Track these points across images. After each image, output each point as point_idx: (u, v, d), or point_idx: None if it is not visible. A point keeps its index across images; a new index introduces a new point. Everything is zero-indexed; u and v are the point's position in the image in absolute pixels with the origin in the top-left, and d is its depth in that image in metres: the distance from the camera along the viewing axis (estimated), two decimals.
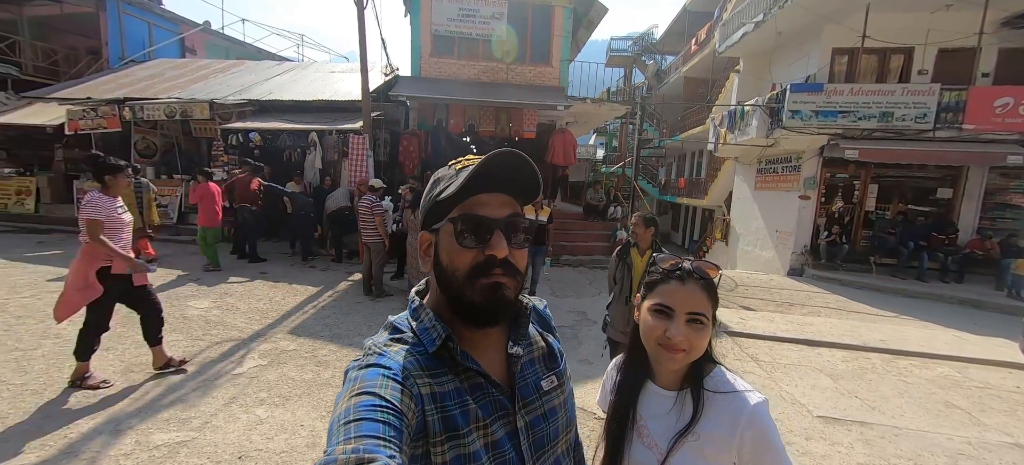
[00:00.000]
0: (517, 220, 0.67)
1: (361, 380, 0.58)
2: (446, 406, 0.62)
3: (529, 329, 0.77)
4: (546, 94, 10.03)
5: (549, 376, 0.75)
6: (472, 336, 0.68)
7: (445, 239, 0.66)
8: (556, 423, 0.73)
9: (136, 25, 13.52)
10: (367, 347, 0.65)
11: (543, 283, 6.91)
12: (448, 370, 0.64)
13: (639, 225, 2.97)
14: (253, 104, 9.48)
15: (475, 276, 0.64)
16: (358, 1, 8.03)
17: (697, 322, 0.87)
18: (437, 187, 0.69)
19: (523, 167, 0.66)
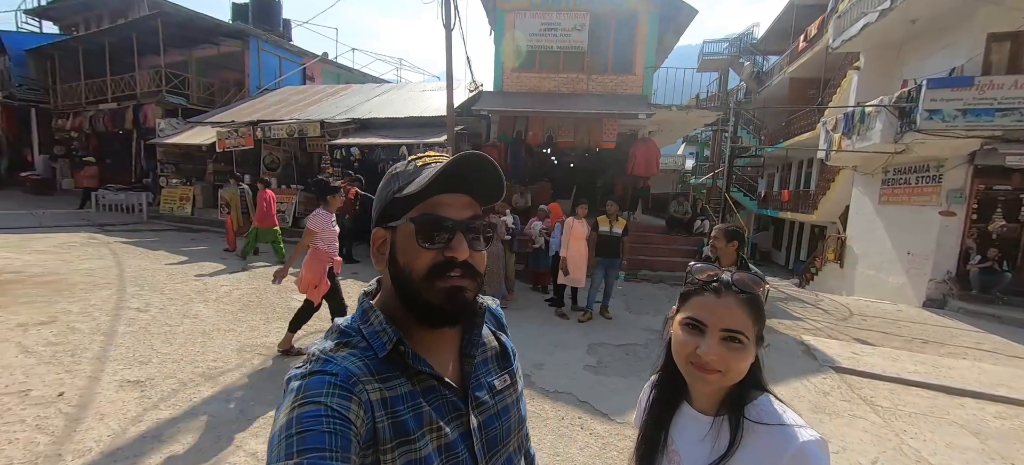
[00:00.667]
0: (478, 222, 0.66)
1: (304, 389, 0.55)
2: (397, 411, 0.59)
3: (483, 329, 0.75)
4: (627, 103, 9.74)
5: (502, 375, 0.75)
6: (424, 337, 0.66)
7: (403, 238, 0.64)
8: (508, 422, 0.72)
9: (270, 59, 15.99)
10: (311, 354, 0.61)
11: (617, 298, 6.64)
12: (400, 374, 0.62)
13: (719, 238, 2.72)
14: (355, 122, 10.62)
15: (434, 277, 0.62)
16: (446, 24, 8.61)
17: (734, 340, 0.77)
18: (395, 183, 0.66)
19: (488, 169, 0.65)
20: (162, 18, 13.19)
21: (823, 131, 10.86)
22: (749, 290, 0.79)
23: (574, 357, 4.34)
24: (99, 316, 4.60)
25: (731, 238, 2.68)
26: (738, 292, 0.79)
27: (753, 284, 0.80)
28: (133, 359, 3.71)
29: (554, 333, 5.04)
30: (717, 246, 2.72)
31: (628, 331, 5.27)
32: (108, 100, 15.01)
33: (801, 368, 4.44)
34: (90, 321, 4.44)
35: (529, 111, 9.62)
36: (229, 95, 15.50)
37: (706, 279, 0.82)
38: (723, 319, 0.77)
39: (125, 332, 4.22)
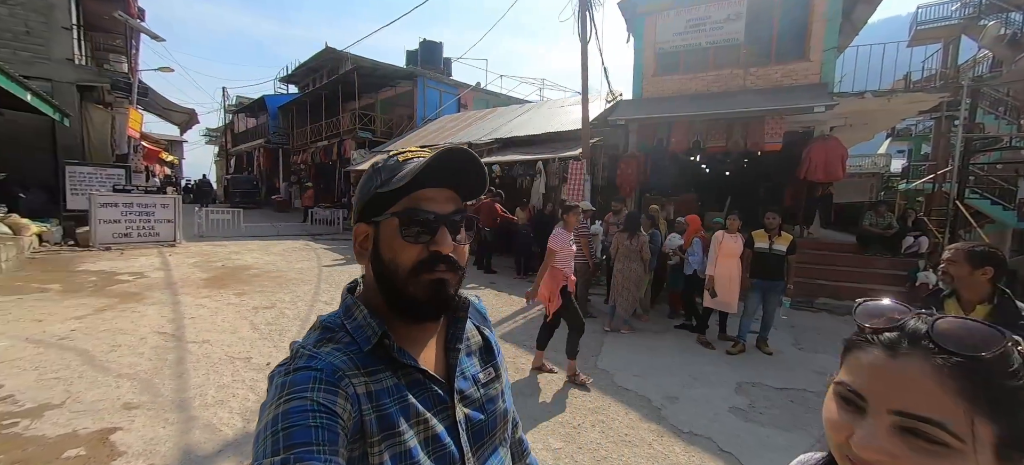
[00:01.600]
0: (459, 216, 0.66)
1: (289, 385, 0.55)
2: (383, 403, 0.59)
3: (467, 323, 0.76)
4: (799, 95, 8.14)
5: (487, 368, 0.75)
6: (408, 331, 0.66)
7: (387, 233, 0.64)
8: (494, 414, 0.72)
9: (432, 94, 18.49)
10: (295, 350, 0.61)
11: (782, 329, 5.49)
12: (384, 367, 0.62)
13: (960, 262, 1.83)
14: (498, 142, 11.40)
15: (419, 271, 0.62)
16: (581, 37, 8.61)
17: (915, 435, 0.43)
18: (377, 178, 0.66)
19: (470, 163, 0.65)
20: (359, 71, 16.52)
21: None
22: (962, 349, 0.44)
23: (717, 395, 3.71)
24: (300, 305, 5.84)
25: (981, 263, 1.76)
26: (935, 350, 0.45)
27: (978, 338, 0.44)
28: None
29: (694, 363, 4.42)
30: (954, 273, 1.89)
31: (795, 372, 4.28)
32: (322, 138, 19.43)
33: None
34: (295, 309, 5.67)
35: (672, 116, 8.86)
36: (402, 127, 18.42)
37: (878, 324, 0.50)
38: (897, 394, 0.45)
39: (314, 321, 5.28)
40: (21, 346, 4.01)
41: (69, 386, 3.36)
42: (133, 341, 4.29)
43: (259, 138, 24.56)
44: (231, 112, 28.96)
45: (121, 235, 9.15)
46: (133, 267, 7.52)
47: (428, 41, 20.26)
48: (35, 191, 9.39)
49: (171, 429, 2.90)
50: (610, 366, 4.26)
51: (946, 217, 8.37)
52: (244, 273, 7.60)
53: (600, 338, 5.09)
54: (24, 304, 5.24)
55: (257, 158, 24.76)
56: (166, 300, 5.73)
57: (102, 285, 6.27)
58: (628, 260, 5.31)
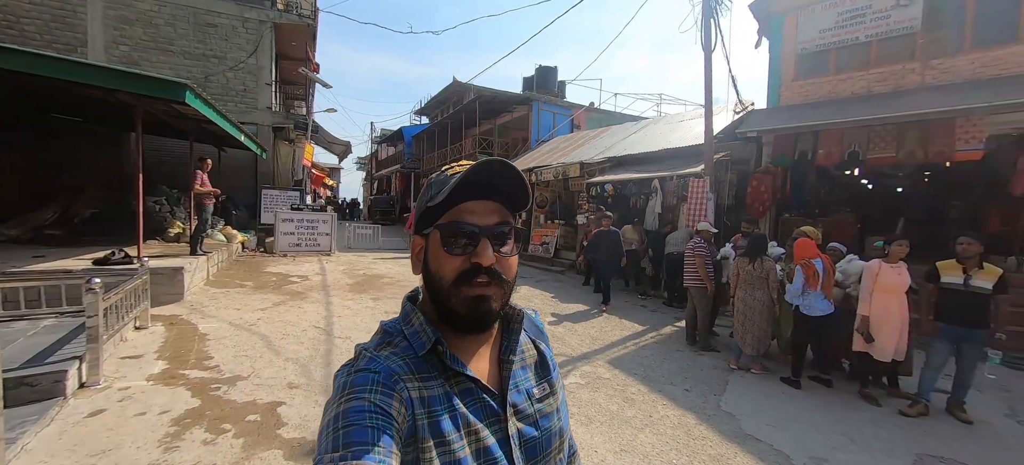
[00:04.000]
0: (504, 228, 0.66)
1: (351, 385, 0.58)
2: (434, 410, 0.60)
3: (521, 336, 0.75)
4: (1005, 88, 6.31)
5: (541, 384, 0.74)
6: (462, 341, 0.67)
7: (433, 245, 0.66)
8: (549, 432, 0.71)
9: (546, 116, 19.02)
10: (358, 352, 0.65)
11: (988, 392, 4.20)
12: (437, 374, 0.63)
13: None
14: (611, 160, 11.15)
15: (460, 283, 0.63)
16: (705, 46, 8.03)
17: None
18: (428, 193, 0.67)
19: (511, 175, 0.65)
20: (480, 100, 17.91)
21: None
22: None
23: (887, 464, 2.97)
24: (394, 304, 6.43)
25: None
26: None
27: None
28: None
29: (850, 420, 3.63)
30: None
31: (1008, 452, 3.21)
32: (447, 162, 21.38)
33: None
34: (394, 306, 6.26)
35: (817, 124, 7.62)
36: (518, 149, 19.29)
37: None
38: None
39: None
40: (226, 328, 5.18)
41: (254, 363, 4.21)
42: (297, 332, 5.20)
43: (396, 164, 28.16)
44: (376, 142, 33.81)
45: (294, 245, 11.27)
46: (301, 271, 9.18)
47: (543, 67, 21.01)
48: (242, 209, 12.20)
49: (319, 410, 3.41)
50: (736, 409, 3.75)
51: None
52: (379, 281, 8.68)
53: (725, 375, 4.53)
54: (229, 295, 6.76)
55: (394, 181, 28.37)
56: (321, 300, 6.84)
57: (279, 284, 7.78)
58: (751, 288, 4.63)
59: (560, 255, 11.88)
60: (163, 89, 5.31)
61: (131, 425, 3.02)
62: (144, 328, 5.00)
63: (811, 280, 4.20)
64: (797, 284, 4.32)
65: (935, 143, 6.76)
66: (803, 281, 4.25)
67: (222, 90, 12.17)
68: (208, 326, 5.20)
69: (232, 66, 12.33)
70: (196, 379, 3.80)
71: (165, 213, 9.43)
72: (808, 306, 4.24)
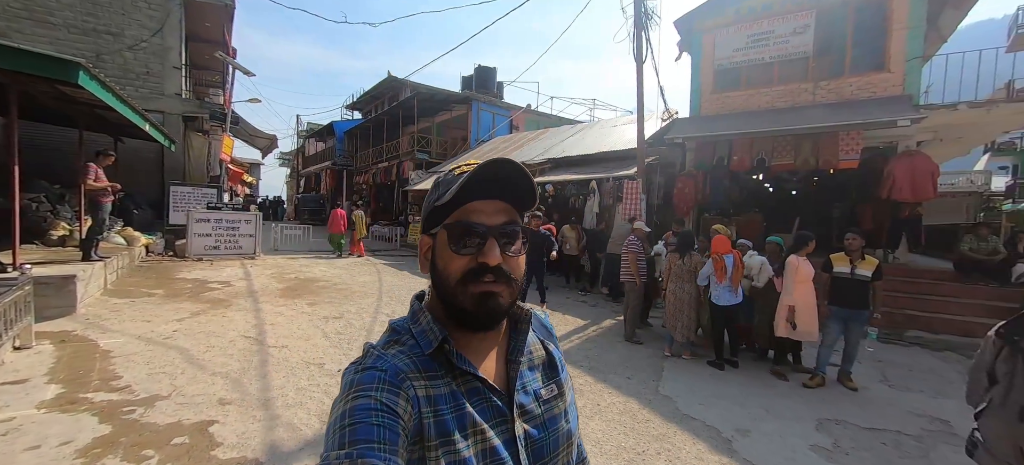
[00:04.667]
0: (511, 227, 0.65)
1: (358, 383, 0.58)
2: (440, 410, 0.60)
3: (529, 336, 0.74)
4: (878, 108, 7.54)
5: (549, 385, 0.73)
6: (469, 340, 0.67)
7: (440, 245, 0.66)
8: (556, 433, 0.70)
9: (486, 116, 19.10)
10: (366, 350, 0.65)
11: (869, 364, 5.00)
12: (444, 373, 0.63)
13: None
14: (550, 161, 11.51)
15: (467, 282, 0.63)
16: (637, 57, 8.59)
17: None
18: (436, 192, 0.68)
19: (517, 175, 0.64)
20: (418, 97, 17.49)
21: None
22: None
23: (794, 431, 3.44)
24: (365, 317, 6.18)
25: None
26: None
27: None
28: None
29: (765, 395, 4.13)
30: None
31: (885, 412, 3.87)
32: (383, 160, 20.61)
33: None
34: (360, 320, 6.00)
35: (732, 133, 8.53)
36: (457, 148, 19.15)
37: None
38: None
39: (377, 331, 5.51)
40: (135, 343, 4.58)
41: (174, 380, 3.78)
42: (223, 343, 4.75)
43: (327, 161, 26.57)
44: (303, 137, 31.60)
45: (211, 248, 10.20)
46: (221, 277, 8.35)
47: (482, 67, 21.07)
48: (145, 208, 10.77)
49: (258, 426, 3.16)
50: (673, 393, 4.10)
51: None
52: (314, 285, 8.17)
53: (661, 363, 4.91)
54: (135, 306, 5.98)
55: (324, 179, 26.74)
56: (249, 307, 6.29)
57: (197, 292, 7.01)
58: (681, 281, 5.06)
59: None
60: (50, 67, 4.55)
61: (22, 462, 2.58)
62: (27, 348, 4.26)
63: (719, 273, 4.71)
64: (705, 273, 4.85)
65: (824, 153, 7.87)
66: (711, 272, 4.77)
67: (119, 72, 10.64)
68: (112, 342, 4.56)
69: (131, 45, 10.84)
70: (103, 402, 3.33)
71: (45, 212, 8.07)
72: (718, 296, 4.75)
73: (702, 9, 9.71)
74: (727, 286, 4.68)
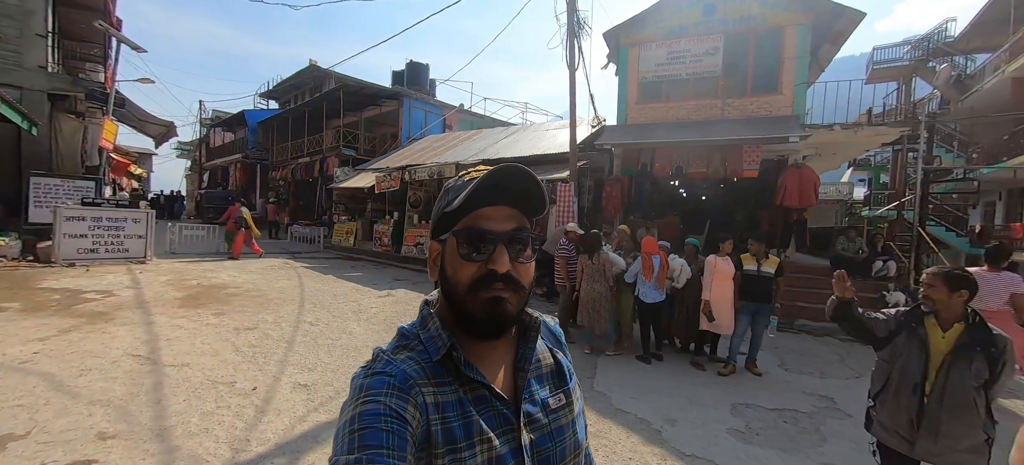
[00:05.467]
0: (521, 234, 0.65)
1: (366, 388, 0.58)
2: (447, 416, 0.60)
3: (538, 344, 0.74)
4: (773, 126, 8.58)
5: (557, 394, 0.72)
6: (477, 348, 0.67)
7: (449, 251, 0.66)
8: (563, 443, 0.69)
9: (418, 114, 18.55)
10: (375, 354, 0.65)
11: (768, 351, 5.63)
12: (452, 379, 0.63)
13: (939, 286, 1.99)
14: (486, 162, 11.47)
15: (476, 289, 0.63)
16: (569, 64, 8.88)
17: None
18: (445, 198, 0.68)
19: (528, 181, 0.64)
20: (345, 90, 16.46)
21: None
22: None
23: (714, 417, 3.76)
24: (285, 326, 5.64)
25: (957, 286, 1.96)
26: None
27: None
28: (304, 365, 4.41)
29: (688, 385, 4.47)
30: (934, 296, 2.04)
31: (785, 394, 4.38)
32: (304, 155, 19.11)
33: None
34: (279, 330, 5.46)
35: (654, 142, 9.17)
36: (387, 146, 18.34)
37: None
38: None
39: (301, 342, 5.08)
40: None
41: (34, 414, 3.12)
42: (104, 365, 4.03)
43: (237, 153, 23.95)
44: (207, 126, 28.22)
45: (87, 250, 8.67)
46: (101, 285, 7.12)
47: (414, 62, 20.47)
48: None
49: (152, 461, 2.72)
50: (606, 388, 4.26)
51: (911, 242, 8.87)
52: (221, 292, 7.29)
53: (594, 360, 5.09)
54: None
55: (234, 173, 24.08)
56: (139, 321, 5.42)
57: (67, 304, 5.90)
58: (593, 281, 5.22)
59: None
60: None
61: None
62: None
63: (647, 272, 5.03)
64: (633, 270, 5.12)
65: (731, 163, 8.77)
66: (639, 269, 5.06)
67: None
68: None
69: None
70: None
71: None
72: (644, 294, 5.06)
73: (627, 24, 10.33)
74: (653, 285, 4.99)
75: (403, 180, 12.32)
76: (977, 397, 1.91)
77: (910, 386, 2.03)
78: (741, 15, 9.35)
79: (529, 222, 0.68)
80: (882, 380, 2.17)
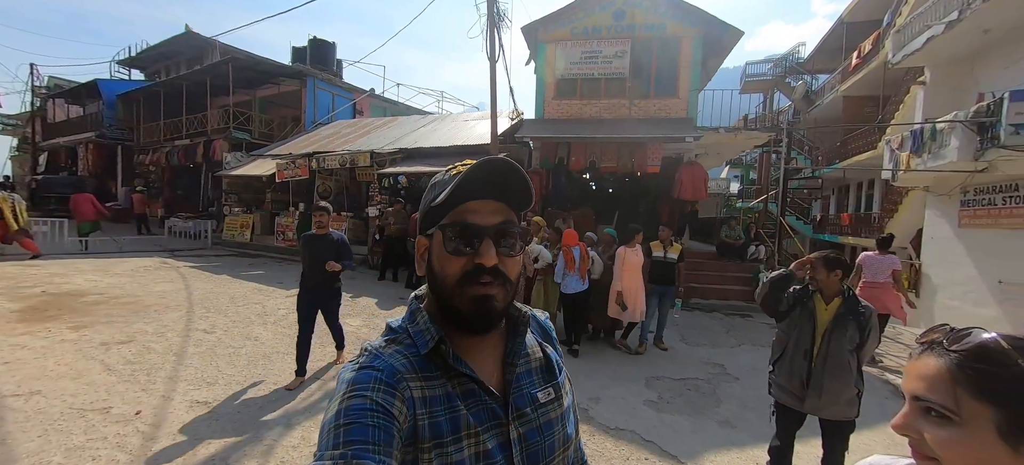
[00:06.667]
0: (508, 227, 0.65)
1: (353, 383, 0.58)
2: (434, 411, 0.60)
3: (528, 338, 0.74)
4: (672, 126, 9.54)
5: (546, 388, 0.72)
6: (466, 342, 0.67)
7: (436, 246, 0.66)
8: (552, 438, 0.70)
9: (324, 96, 17.08)
10: (363, 349, 0.65)
11: (672, 328, 6.31)
12: (440, 374, 0.63)
13: (819, 268, 2.44)
14: (402, 152, 11.02)
15: (464, 284, 0.63)
16: (491, 57, 8.90)
17: (928, 411, 0.58)
18: (432, 193, 0.68)
19: (513, 174, 0.65)
20: (235, 64, 14.47)
21: (887, 150, 10.10)
22: (963, 347, 0.57)
23: (632, 391, 4.12)
24: (171, 336, 4.87)
25: (832, 268, 2.41)
26: (932, 346, 0.60)
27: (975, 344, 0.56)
28: (201, 380, 3.87)
29: (610, 364, 4.84)
30: (817, 277, 2.46)
31: (687, 365, 4.96)
32: (183, 137, 16.48)
33: (891, 410, 3.97)
34: (163, 341, 4.70)
35: (572, 137, 9.63)
36: (287, 130, 16.61)
37: (919, 338, 0.66)
38: (912, 381, 0.62)
39: (194, 353, 4.43)
40: None
41: None
42: None
43: (87, 131, 19.76)
44: (43, 97, 22.85)
45: None
46: None
47: (319, 40, 18.75)
48: None
49: None
50: None
51: (774, 229, 10.55)
52: (78, 301, 6.04)
53: None
54: None
55: (84, 155, 19.87)
56: None
57: None
58: None
59: None
60: None
61: None
62: None
63: (569, 263, 5.29)
64: (560, 266, 5.33)
65: (637, 159, 9.56)
66: (564, 264, 5.28)
67: None
68: None
69: None
70: None
71: None
72: (566, 286, 5.26)
73: (545, 21, 10.64)
74: (576, 275, 5.26)
75: (311, 169, 11.30)
76: (851, 359, 2.34)
77: (801, 352, 2.42)
78: (646, 23, 10.18)
79: (516, 216, 0.68)
80: (780, 348, 2.56)
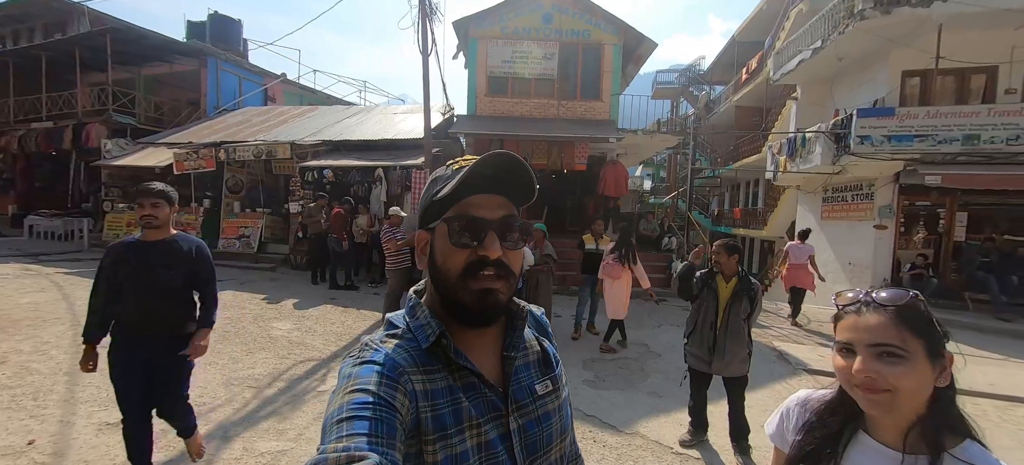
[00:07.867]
0: (511, 221, 0.66)
1: (355, 377, 0.58)
2: (437, 404, 0.61)
3: (525, 332, 0.75)
4: (597, 127, 10.23)
5: (544, 380, 0.74)
6: (466, 336, 0.68)
7: (440, 239, 0.67)
8: (550, 428, 0.71)
9: (229, 79, 15.38)
10: (363, 343, 0.65)
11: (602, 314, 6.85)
12: (441, 367, 0.64)
13: (721, 253, 2.99)
14: (327, 144, 10.40)
15: (468, 276, 0.64)
16: (423, 51, 8.75)
17: (886, 354, 0.73)
18: (435, 187, 0.68)
19: (518, 168, 0.65)
20: (113, 36, 12.39)
21: (769, 154, 11.87)
22: (896, 302, 0.75)
23: (572, 373, 4.45)
24: (56, 354, 4.19)
25: (732, 252, 2.95)
26: (879, 305, 0.76)
27: (901, 298, 0.76)
28: (106, 400, 3.40)
29: None
30: (719, 260, 2.97)
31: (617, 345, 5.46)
32: (43, 119, 13.78)
33: (778, 372, 4.80)
34: (48, 360, 4.04)
35: (505, 134, 9.87)
36: (183, 115, 14.68)
37: (847, 302, 0.81)
38: (867, 334, 0.75)
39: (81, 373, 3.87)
40: None
41: None
42: None
43: None
44: None
45: None
46: None
47: (221, 15, 16.75)
48: None
49: None
50: None
51: (683, 223, 11.82)
52: None
53: None
54: None
55: None
56: None
57: None
58: None
59: (266, 249, 10.16)
60: None
61: None
62: None
63: None
64: None
65: (565, 157, 10.11)
66: None
67: None
68: None
69: None
70: None
71: None
72: None
73: (476, 18, 10.72)
74: None
75: (218, 160, 10.18)
76: (744, 326, 2.91)
77: (708, 324, 2.93)
78: (571, 29, 10.75)
79: (518, 210, 0.70)
80: (692, 324, 3.06)
